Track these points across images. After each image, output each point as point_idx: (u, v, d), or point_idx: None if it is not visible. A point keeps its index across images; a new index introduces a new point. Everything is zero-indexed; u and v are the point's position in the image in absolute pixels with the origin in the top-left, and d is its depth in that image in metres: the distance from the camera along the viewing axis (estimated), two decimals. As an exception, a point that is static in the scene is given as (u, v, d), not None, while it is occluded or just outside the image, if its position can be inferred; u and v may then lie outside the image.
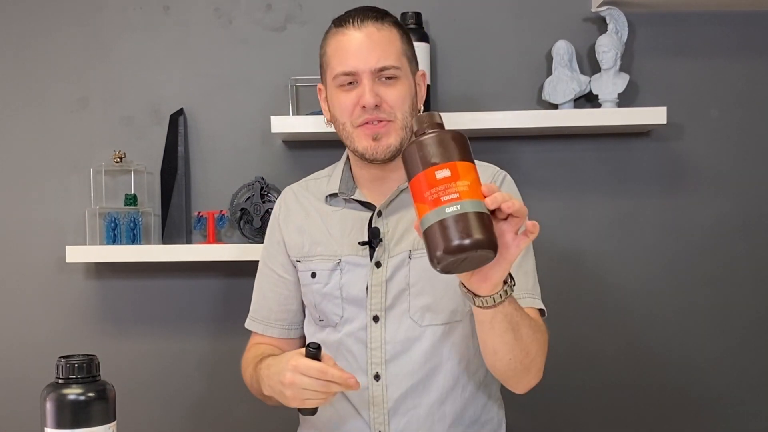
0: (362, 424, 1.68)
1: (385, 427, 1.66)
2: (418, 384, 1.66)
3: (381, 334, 1.67)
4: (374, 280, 1.67)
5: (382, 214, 1.70)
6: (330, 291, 1.70)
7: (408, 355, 1.66)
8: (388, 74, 1.62)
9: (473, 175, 1.22)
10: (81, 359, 1.30)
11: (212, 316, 2.47)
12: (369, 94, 1.59)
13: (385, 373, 1.66)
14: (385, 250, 1.67)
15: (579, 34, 2.40)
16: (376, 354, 1.66)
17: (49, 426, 1.28)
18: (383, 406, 1.66)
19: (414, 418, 1.66)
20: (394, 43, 1.64)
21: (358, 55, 1.61)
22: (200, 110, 2.45)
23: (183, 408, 2.49)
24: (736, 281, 2.44)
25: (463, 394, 1.69)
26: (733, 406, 2.44)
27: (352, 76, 1.61)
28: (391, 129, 1.63)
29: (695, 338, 2.45)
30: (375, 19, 1.64)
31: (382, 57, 1.61)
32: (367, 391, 1.66)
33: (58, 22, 2.45)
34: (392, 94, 1.62)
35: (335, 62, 1.64)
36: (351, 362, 1.69)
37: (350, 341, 1.69)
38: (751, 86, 2.42)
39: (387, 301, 1.66)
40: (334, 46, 1.66)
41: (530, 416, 2.33)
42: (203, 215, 2.38)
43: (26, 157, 2.47)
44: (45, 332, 2.46)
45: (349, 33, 1.63)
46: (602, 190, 2.44)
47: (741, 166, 2.43)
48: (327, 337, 1.73)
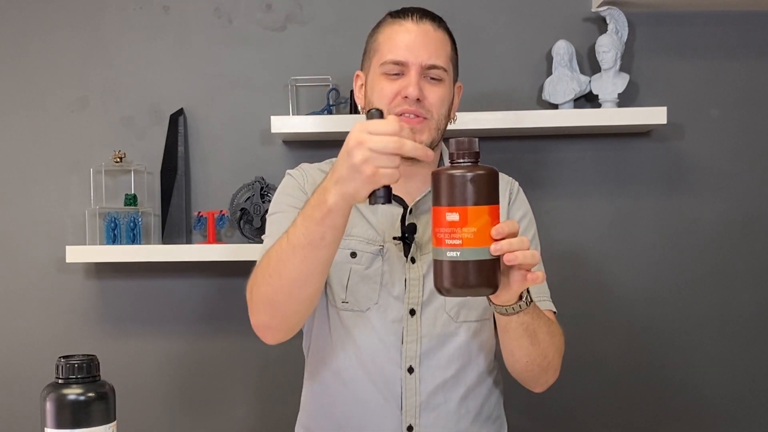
0: (393, 417, 1.67)
1: (416, 420, 1.66)
2: (450, 379, 1.67)
3: (417, 328, 1.67)
4: (412, 275, 1.67)
5: (412, 211, 1.70)
6: (371, 275, 1.68)
7: (443, 350, 1.67)
8: (434, 74, 1.63)
9: (483, 219, 1.23)
10: (81, 359, 1.29)
11: (212, 316, 2.47)
12: (414, 87, 1.60)
13: (419, 366, 1.66)
14: (418, 248, 1.68)
15: (579, 34, 2.41)
16: (412, 347, 1.66)
17: (49, 426, 1.26)
18: (416, 399, 1.66)
19: (444, 412, 1.67)
20: (446, 47, 1.67)
21: (411, 47, 1.62)
22: (200, 110, 2.46)
23: (183, 407, 2.50)
24: (736, 280, 2.45)
25: (483, 391, 1.71)
26: (734, 404, 2.45)
27: (401, 66, 1.63)
28: (425, 127, 1.63)
29: (695, 337, 2.47)
30: (433, 19, 1.66)
31: (433, 55, 1.63)
32: (400, 384, 1.66)
33: (59, 22, 2.46)
34: (435, 93, 1.64)
35: (386, 49, 1.65)
36: (384, 352, 1.67)
37: (385, 332, 1.67)
38: (751, 86, 2.43)
39: (424, 296, 1.67)
40: (387, 34, 1.66)
41: (529, 414, 2.34)
42: (203, 215, 2.39)
43: (26, 157, 2.48)
44: (45, 332, 2.47)
45: (406, 25, 1.65)
46: (602, 190, 2.46)
47: (741, 166, 2.44)
48: (349, 321, 1.70)
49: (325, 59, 2.44)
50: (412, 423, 1.65)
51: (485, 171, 1.26)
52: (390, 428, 1.66)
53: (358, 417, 1.68)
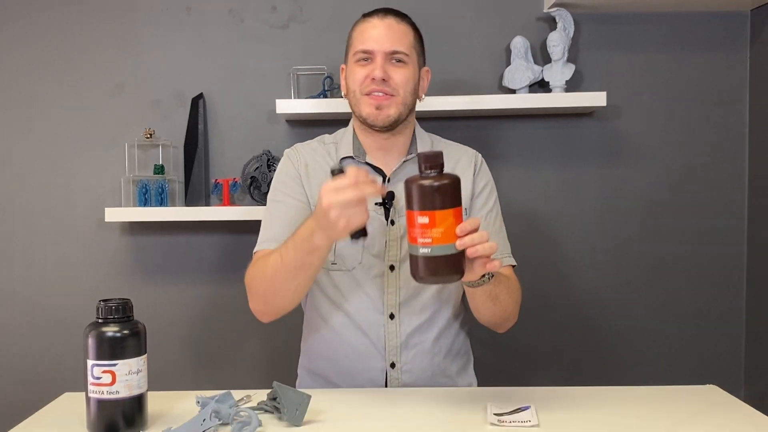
0: (378, 356, 1.72)
1: (397, 358, 1.72)
2: (424, 323, 1.73)
3: (396, 281, 1.72)
4: (391, 236, 1.72)
5: (390, 180, 1.74)
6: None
7: (418, 300, 1.73)
8: (397, 58, 1.68)
9: (449, 221, 1.31)
10: (117, 302, 1.33)
11: (227, 267, 2.54)
12: (379, 70, 1.66)
13: (398, 313, 1.72)
14: (396, 211, 1.72)
15: (533, 30, 2.49)
16: (392, 297, 1.72)
17: (91, 358, 1.32)
18: (396, 340, 1.72)
19: (420, 351, 1.73)
20: (408, 36, 1.71)
21: (376, 38, 1.68)
22: (217, 94, 2.52)
23: (202, 343, 2.57)
24: (663, 237, 2.55)
25: (452, 332, 1.79)
26: (662, 337, 2.56)
27: (369, 54, 1.68)
28: (392, 102, 1.68)
29: (630, 284, 2.57)
30: (396, 15, 1.72)
31: (395, 43, 1.68)
32: (383, 328, 1.72)
33: (98, 21, 2.53)
34: (399, 73, 1.68)
35: (357, 42, 1.71)
36: (368, 303, 1.72)
37: (369, 286, 1.72)
38: (676, 75, 2.51)
39: (401, 254, 1.71)
40: (359, 30, 1.73)
41: (492, 349, 2.45)
42: (219, 182, 2.44)
43: (71, 133, 2.54)
44: (87, 280, 2.55)
45: (372, 22, 1.71)
46: (552, 162, 2.53)
47: (668, 142, 2.53)
48: (338, 279, 1.74)
49: (321, 52, 2.49)
50: (394, 360, 1.72)
51: (449, 180, 1.32)
52: (377, 366, 1.73)
53: (350, 358, 1.74)
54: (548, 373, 2.58)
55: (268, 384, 1.50)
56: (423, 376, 1.74)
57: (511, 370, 2.57)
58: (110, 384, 1.31)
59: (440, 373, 1.77)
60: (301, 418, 1.40)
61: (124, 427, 1.33)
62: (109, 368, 1.31)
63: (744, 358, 2.58)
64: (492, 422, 1.39)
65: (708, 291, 2.57)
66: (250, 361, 2.58)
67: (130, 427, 1.34)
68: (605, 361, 2.58)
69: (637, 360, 2.58)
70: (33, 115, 2.55)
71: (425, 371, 1.74)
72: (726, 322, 2.58)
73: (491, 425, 1.38)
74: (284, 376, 1.76)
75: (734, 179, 2.55)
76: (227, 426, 1.37)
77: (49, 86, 2.55)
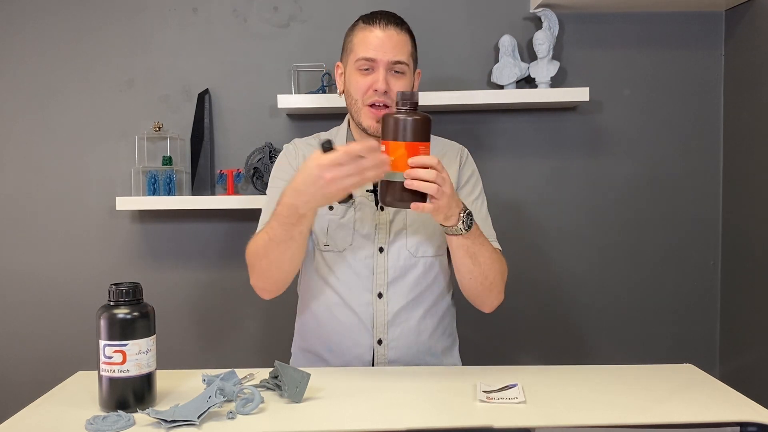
0: (366, 333, 1.72)
1: (384, 335, 1.72)
2: (411, 302, 1.73)
3: (385, 262, 1.72)
4: (380, 220, 1.72)
5: None
6: (345, 223, 1.73)
7: (405, 279, 1.73)
8: (398, 68, 1.67)
9: (400, 152, 1.36)
10: (128, 286, 1.33)
11: (231, 252, 2.54)
12: (382, 82, 1.65)
13: (386, 292, 1.72)
14: None
15: (520, 29, 2.48)
16: (381, 277, 1.72)
17: (103, 339, 1.32)
18: (384, 318, 1.72)
19: (406, 329, 1.73)
20: (407, 45, 1.70)
21: (379, 48, 1.66)
22: (222, 90, 2.52)
23: (206, 324, 2.58)
24: (642, 224, 2.55)
25: (438, 312, 1.79)
26: (639, 319, 2.56)
27: (371, 62, 1.66)
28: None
29: (609, 268, 2.56)
30: (396, 24, 1.69)
31: (397, 53, 1.66)
32: (372, 307, 1.72)
33: (110, 21, 2.53)
34: (398, 85, 1.67)
35: (360, 49, 1.67)
36: (358, 283, 1.73)
37: (359, 266, 1.72)
38: (654, 71, 2.51)
39: (390, 237, 1.72)
40: (360, 36, 1.69)
41: (479, 332, 2.46)
42: (224, 173, 2.45)
43: (85, 126, 2.54)
44: (99, 264, 2.55)
45: (375, 30, 1.67)
46: (538, 153, 2.53)
47: (647, 135, 2.53)
48: (330, 260, 1.75)
49: (320, 50, 2.48)
50: (381, 337, 1.72)
51: (409, 117, 1.36)
52: (365, 343, 1.73)
53: (340, 336, 1.74)
54: (533, 353, 2.58)
55: (269, 363, 1.51)
56: (408, 353, 1.74)
57: (497, 350, 2.56)
58: (121, 363, 1.31)
59: (425, 351, 1.77)
60: (301, 395, 1.40)
61: (134, 403, 1.34)
62: (120, 348, 1.31)
63: (719, 339, 2.58)
64: (481, 399, 1.39)
65: (684, 275, 2.57)
66: (252, 341, 2.58)
67: (139, 403, 1.34)
68: (587, 342, 2.58)
69: (618, 340, 2.58)
70: (50, 109, 2.55)
71: (410, 348, 1.74)
72: (701, 305, 2.58)
73: (480, 402, 1.38)
74: (283, 355, 1.79)
75: (709, 170, 2.55)
76: (231, 402, 1.37)
77: (64, 82, 2.54)
